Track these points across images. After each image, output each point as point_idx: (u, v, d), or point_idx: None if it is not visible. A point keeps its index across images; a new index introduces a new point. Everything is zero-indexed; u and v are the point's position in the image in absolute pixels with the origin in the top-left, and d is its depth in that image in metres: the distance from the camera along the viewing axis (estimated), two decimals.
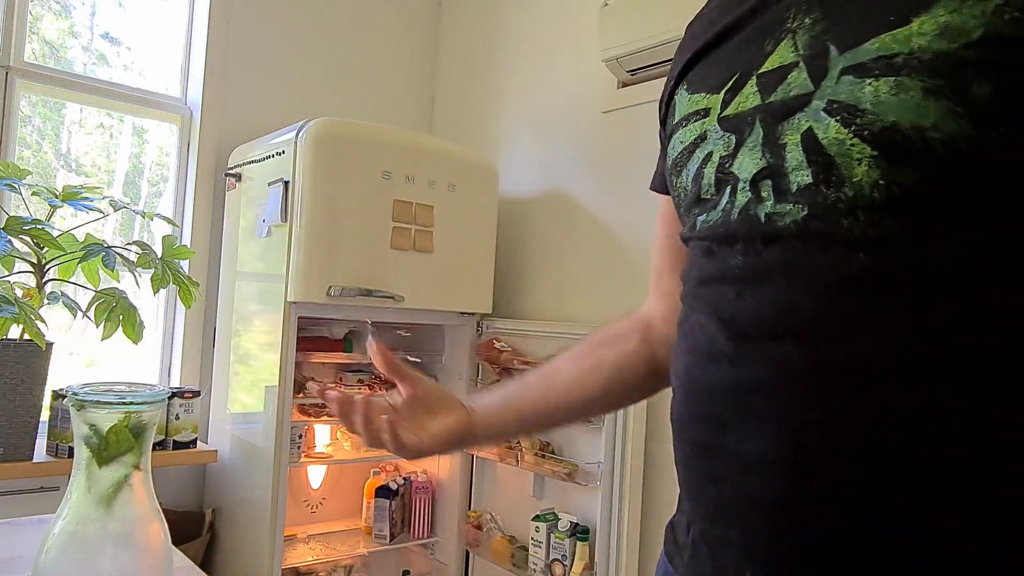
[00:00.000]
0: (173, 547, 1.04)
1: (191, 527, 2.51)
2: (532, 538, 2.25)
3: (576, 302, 2.57)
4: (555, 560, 2.19)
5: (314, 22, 3.00)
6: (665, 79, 0.80)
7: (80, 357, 2.67)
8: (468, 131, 3.14)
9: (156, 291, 2.09)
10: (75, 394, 0.54)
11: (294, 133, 2.26)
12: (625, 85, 2.48)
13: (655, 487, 2.24)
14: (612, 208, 2.49)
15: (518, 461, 2.35)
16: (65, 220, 2.35)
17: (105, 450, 0.54)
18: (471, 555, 2.62)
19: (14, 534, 1.04)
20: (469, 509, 2.61)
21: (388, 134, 2.38)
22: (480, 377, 2.59)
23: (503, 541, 2.41)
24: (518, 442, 2.37)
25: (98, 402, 0.54)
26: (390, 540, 2.59)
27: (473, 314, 2.62)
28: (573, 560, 2.15)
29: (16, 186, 2.00)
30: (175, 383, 2.67)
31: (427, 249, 2.43)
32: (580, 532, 2.16)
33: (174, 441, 2.34)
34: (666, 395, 2.33)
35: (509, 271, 2.83)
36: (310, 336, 2.52)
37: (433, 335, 2.76)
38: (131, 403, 0.55)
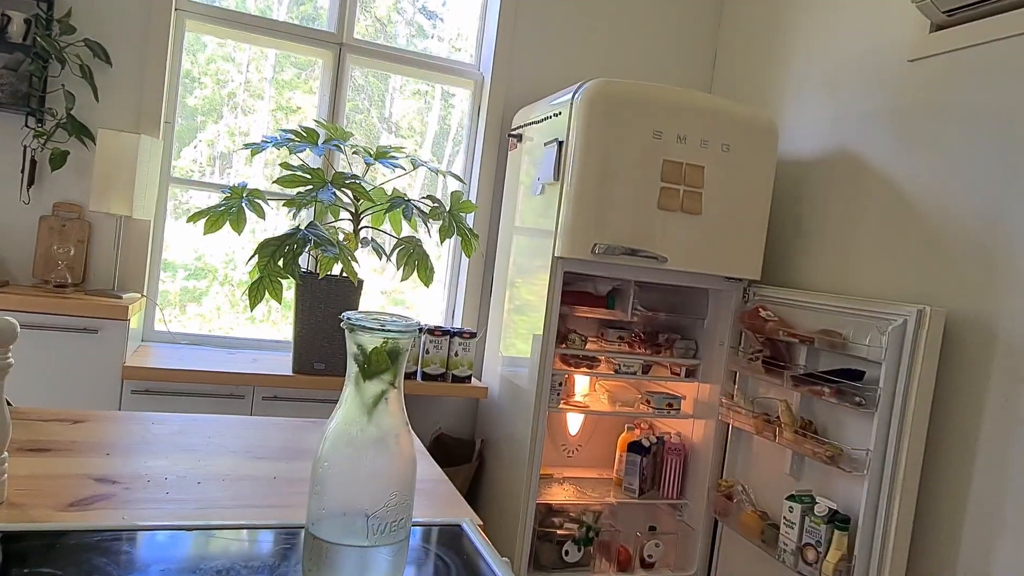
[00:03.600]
0: (436, 464, 1.21)
1: (464, 451, 2.83)
2: (785, 518, 2.15)
3: (859, 275, 2.35)
4: (808, 544, 2.07)
5: None
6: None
7: (389, 296, 3.11)
8: (750, 87, 2.99)
9: (443, 240, 2.35)
10: (348, 319, 0.67)
11: (570, 95, 2.35)
12: (940, 28, 2.16)
13: (936, 483, 1.99)
14: (912, 171, 2.20)
15: (775, 436, 2.25)
16: (385, 176, 2.72)
17: (368, 367, 0.66)
18: (719, 524, 2.59)
19: (310, 430, 1.29)
20: (721, 477, 2.57)
21: (661, 93, 2.36)
22: (742, 345, 2.51)
23: (753, 516, 2.34)
24: (777, 416, 2.27)
25: (364, 327, 0.66)
26: (639, 495, 2.65)
27: (740, 280, 2.53)
28: (829, 548, 2.02)
29: (340, 146, 2.37)
30: (458, 324, 2.99)
31: (695, 211, 2.39)
32: (839, 521, 2.02)
33: (452, 375, 2.63)
34: (958, 369, 2.06)
35: (783, 237, 2.67)
36: (575, 290, 2.64)
37: (696, 298, 2.72)
38: (389, 330, 0.66)
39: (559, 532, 2.52)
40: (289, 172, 2.20)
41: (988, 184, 1.97)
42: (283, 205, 2.32)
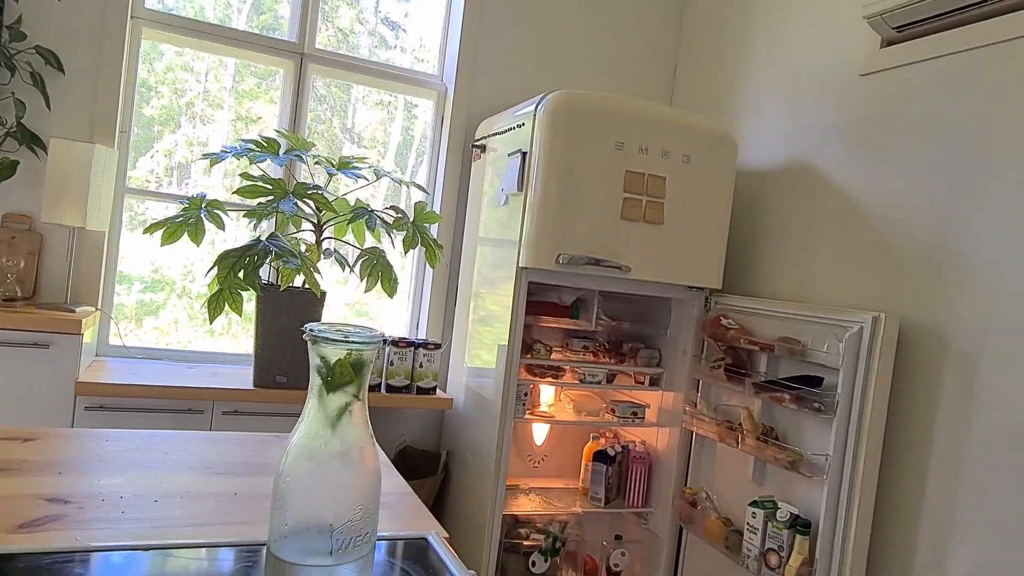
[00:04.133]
0: (401, 477, 1.19)
1: (429, 464, 2.80)
2: (748, 523, 2.18)
3: (816, 283, 2.40)
4: (771, 549, 2.10)
5: None
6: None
7: (353, 307, 3.08)
8: (709, 100, 3.04)
9: (406, 251, 2.34)
10: (311, 331, 0.66)
11: (533, 106, 2.37)
12: (891, 44, 2.23)
13: (893, 487, 2.04)
14: (866, 182, 2.26)
15: (738, 443, 2.28)
16: (348, 187, 2.69)
17: (331, 379, 0.65)
18: (684, 531, 2.61)
19: (272, 445, 1.26)
20: (685, 485, 2.59)
21: (623, 105, 2.39)
22: (705, 353, 2.54)
23: (717, 522, 2.36)
24: (740, 423, 2.30)
25: (327, 339, 0.65)
26: (604, 504, 2.66)
27: (702, 289, 2.56)
28: (791, 553, 2.05)
29: (302, 157, 2.34)
30: (422, 335, 2.97)
31: (657, 221, 2.42)
32: (801, 525, 2.05)
33: (417, 387, 2.61)
34: (913, 375, 2.11)
35: (743, 246, 2.72)
36: (540, 301, 2.65)
37: (659, 307, 2.75)
38: (353, 342, 0.66)
39: (526, 543, 2.51)
40: (250, 182, 2.17)
41: (938, 194, 2.03)
42: (243, 216, 2.28)
